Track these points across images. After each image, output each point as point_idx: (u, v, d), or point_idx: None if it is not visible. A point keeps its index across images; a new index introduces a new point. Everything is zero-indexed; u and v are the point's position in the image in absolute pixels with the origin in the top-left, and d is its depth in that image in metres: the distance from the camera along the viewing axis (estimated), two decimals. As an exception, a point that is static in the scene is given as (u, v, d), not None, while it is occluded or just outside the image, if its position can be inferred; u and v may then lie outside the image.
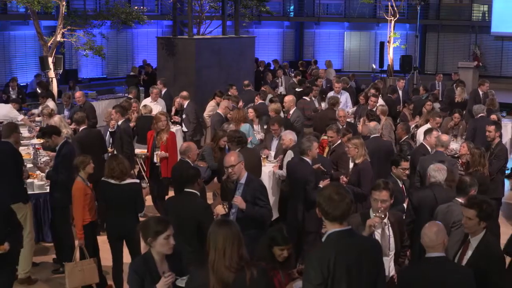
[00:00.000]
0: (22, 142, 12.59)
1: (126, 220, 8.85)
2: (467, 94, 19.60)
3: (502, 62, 34.34)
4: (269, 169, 11.83)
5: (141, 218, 9.43)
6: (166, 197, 11.67)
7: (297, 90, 19.94)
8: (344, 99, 17.25)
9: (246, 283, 5.17)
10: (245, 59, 22.04)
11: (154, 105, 15.92)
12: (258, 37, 27.26)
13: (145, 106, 15.15)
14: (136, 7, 24.23)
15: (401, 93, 19.66)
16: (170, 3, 22.82)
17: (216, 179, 11.42)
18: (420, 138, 12.91)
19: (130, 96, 17.76)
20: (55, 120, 12.62)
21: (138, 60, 30.73)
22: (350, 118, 15.53)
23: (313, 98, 17.26)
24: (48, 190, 10.69)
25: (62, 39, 20.85)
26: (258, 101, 16.62)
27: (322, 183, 9.47)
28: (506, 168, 13.08)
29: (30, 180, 11.05)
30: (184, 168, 9.03)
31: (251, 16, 28.83)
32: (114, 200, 8.88)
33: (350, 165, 10.74)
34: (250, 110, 14.52)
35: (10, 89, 22.36)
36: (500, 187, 11.64)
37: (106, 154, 12.50)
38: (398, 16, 29.24)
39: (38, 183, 11.14)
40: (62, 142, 10.38)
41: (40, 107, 16.00)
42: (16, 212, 9.54)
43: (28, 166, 11.36)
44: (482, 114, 14.40)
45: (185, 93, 16.42)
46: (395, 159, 9.33)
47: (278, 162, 11.61)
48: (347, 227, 5.21)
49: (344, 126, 13.20)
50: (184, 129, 16.07)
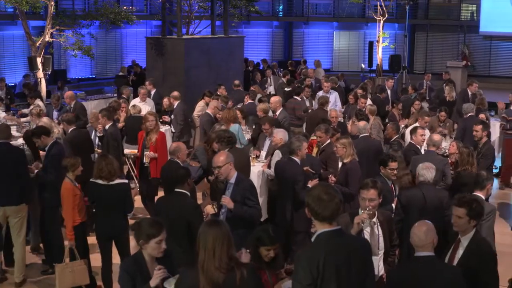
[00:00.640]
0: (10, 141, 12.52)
1: (115, 220, 8.85)
2: (456, 94, 19.67)
3: (491, 62, 34.49)
4: (258, 168, 11.83)
5: (130, 220, 9.43)
6: (156, 197, 11.64)
7: (286, 90, 19.96)
8: (333, 99, 17.27)
9: (236, 283, 5.17)
10: (234, 59, 22.05)
11: (142, 105, 15.88)
12: (247, 37, 27.27)
13: (134, 106, 15.10)
14: (125, 7, 24.20)
15: (389, 92, 19.71)
16: (159, 3, 22.80)
17: (205, 179, 11.41)
18: (408, 138, 12.95)
19: (123, 95, 17.72)
20: (44, 120, 12.57)
21: (127, 60, 30.69)
22: (339, 118, 15.54)
23: (304, 98, 17.26)
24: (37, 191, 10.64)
25: (50, 39, 20.80)
26: (248, 101, 16.62)
27: (310, 183, 9.47)
28: (494, 167, 13.15)
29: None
30: (173, 168, 9.03)
31: (240, 16, 28.85)
32: (102, 200, 8.86)
33: (340, 164, 10.75)
34: (236, 111, 14.54)
35: (-1, 89, 22.27)
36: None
37: (94, 155, 12.47)
38: (387, 15, 29.34)
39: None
40: (51, 143, 10.35)
41: (31, 106, 15.92)
42: (16, 213, 9.59)
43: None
44: (471, 114, 14.45)
45: (176, 93, 16.36)
46: (383, 160, 9.34)
47: (267, 162, 11.62)
48: (337, 227, 5.20)
49: (335, 126, 13.24)
50: (172, 129, 16.05)
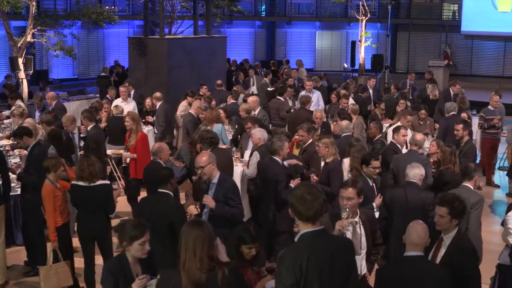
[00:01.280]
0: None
1: (97, 221, 8.84)
2: (438, 93, 19.76)
3: (472, 61, 34.71)
4: (241, 168, 11.85)
5: (113, 221, 9.40)
6: (139, 197, 11.62)
7: (268, 90, 19.97)
8: (315, 98, 17.27)
9: (218, 283, 5.17)
10: (216, 59, 22.03)
11: (124, 105, 15.84)
12: (230, 37, 27.28)
13: (116, 106, 15.06)
14: (107, 7, 24.09)
15: (371, 92, 19.76)
16: (142, 3, 22.72)
17: (188, 180, 11.41)
18: (390, 137, 12.99)
19: (108, 96, 17.65)
20: (29, 121, 12.53)
21: (109, 60, 30.58)
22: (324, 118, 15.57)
23: (287, 98, 17.27)
24: (19, 192, 10.60)
25: (32, 40, 20.68)
26: (231, 100, 16.62)
27: (293, 183, 9.49)
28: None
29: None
30: (156, 168, 9.02)
31: (223, 16, 28.84)
32: (84, 202, 8.84)
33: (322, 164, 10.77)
34: (220, 111, 14.54)
35: (-20, 90, 22.16)
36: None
37: (76, 155, 12.45)
38: (369, 15, 29.45)
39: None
40: (33, 143, 10.32)
41: (12, 107, 15.83)
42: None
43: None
44: (453, 112, 14.50)
45: (158, 94, 16.30)
46: (365, 158, 9.34)
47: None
48: (320, 227, 5.20)
49: (318, 126, 13.29)
50: (155, 130, 16.01)
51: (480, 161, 15.42)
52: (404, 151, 11.38)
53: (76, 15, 22.16)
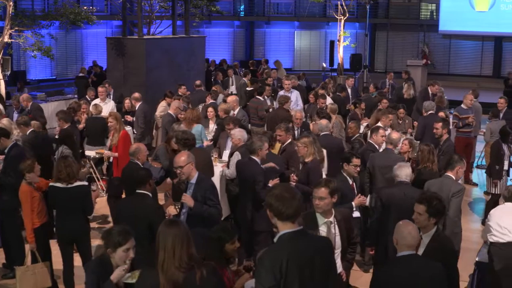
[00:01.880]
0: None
1: (75, 223, 8.80)
2: (417, 92, 19.88)
3: (450, 60, 34.96)
4: (220, 168, 11.85)
5: (93, 224, 9.37)
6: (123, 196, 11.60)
7: (247, 89, 19.96)
8: (294, 98, 17.26)
9: (196, 283, 5.16)
10: (195, 59, 22.02)
11: (103, 105, 15.78)
12: (209, 36, 27.23)
13: (96, 105, 15.02)
14: (85, 7, 23.97)
15: (350, 91, 19.82)
16: (120, 3, 22.63)
17: (168, 180, 11.37)
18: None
19: (87, 97, 17.56)
20: (4, 122, 12.43)
21: (88, 60, 30.45)
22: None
23: (265, 98, 17.27)
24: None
25: (9, 40, 20.52)
26: (209, 100, 16.60)
27: (271, 182, 9.50)
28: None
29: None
30: (134, 169, 8.99)
31: (202, 16, 28.80)
32: (62, 203, 8.80)
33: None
34: (209, 109, 14.55)
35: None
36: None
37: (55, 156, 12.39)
38: (347, 15, 29.54)
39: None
40: (11, 145, 10.26)
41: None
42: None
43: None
44: (431, 112, 14.58)
45: (137, 94, 16.21)
46: (346, 156, 9.36)
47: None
48: (299, 227, 5.19)
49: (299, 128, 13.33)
50: (135, 130, 15.95)
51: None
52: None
53: (54, 16, 22.05)
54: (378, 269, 6.77)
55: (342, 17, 29.30)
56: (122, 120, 14.64)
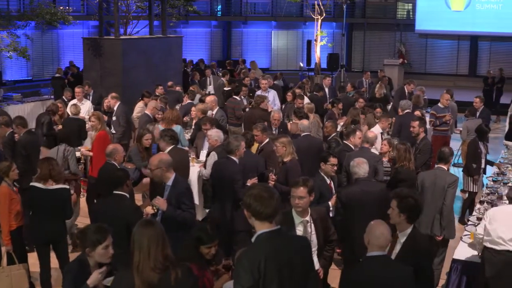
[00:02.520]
0: None
1: (53, 225, 8.76)
2: (394, 91, 20.00)
3: (427, 59, 35.13)
4: (197, 169, 11.85)
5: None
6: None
7: (225, 89, 19.96)
8: (271, 97, 17.27)
9: (171, 283, 5.15)
10: (172, 59, 21.97)
11: (80, 105, 15.69)
12: (186, 36, 27.18)
13: (75, 105, 14.92)
14: (61, 7, 23.80)
15: (327, 90, 19.86)
16: (96, 3, 22.49)
17: (145, 180, 11.34)
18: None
19: (64, 97, 17.44)
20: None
21: (64, 61, 30.23)
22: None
23: (242, 97, 17.27)
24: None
25: (-16, 41, 20.40)
26: (187, 101, 16.57)
27: (249, 182, 9.52)
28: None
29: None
30: (111, 170, 8.96)
31: (178, 16, 28.68)
32: (42, 204, 8.75)
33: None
34: (193, 109, 14.51)
35: None
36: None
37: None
38: (324, 15, 29.57)
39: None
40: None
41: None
42: None
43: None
44: (408, 110, 14.67)
45: (114, 94, 16.06)
46: (323, 156, 9.40)
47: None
48: (277, 227, 5.20)
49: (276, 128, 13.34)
50: (112, 130, 15.83)
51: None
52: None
53: (29, 16, 21.89)
54: (347, 269, 6.78)
55: (319, 16, 29.34)
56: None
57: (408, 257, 6.30)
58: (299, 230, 7.02)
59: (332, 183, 9.41)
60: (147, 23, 22.92)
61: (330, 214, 8.84)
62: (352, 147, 11.38)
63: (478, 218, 9.52)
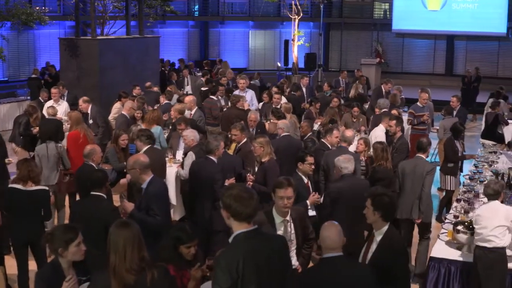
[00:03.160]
0: None
1: (31, 226, 8.69)
2: (371, 90, 20.10)
3: (403, 59, 35.35)
4: (175, 169, 11.83)
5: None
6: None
7: (202, 89, 19.94)
8: (249, 97, 17.26)
9: (147, 285, 5.14)
10: (150, 59, 21.93)
11: (57, 106, 15.58)
12: (163, 37, 27.12)
13: (52, 107, 14.82)
14: (37, 8, 23.69)
15: (305, 90, 19.91)
16: (73, 3, 22.43)
17: (123, 181, 11.30)
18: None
19: (40, 98, 17.30)
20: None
21: (40, 62, 30.10)
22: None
23: (219, 97, 17.25)
24: None
25: (-41, 41, 20.25)
26: (164, 101, 16.53)
27: (227, 182, 9.53)
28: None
29: None
30: (89, 171, 8.92)
31: (155, 16, 28.65)
32: (21, 206, 8.67)
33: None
34: (173, 109, 14.49)
35: None
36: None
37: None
38: (302, 14, 29.68)
39: None
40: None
41: None
42: None
43: None
44: (385, 109, 14.74)
45: (85, 98, 15.74)
46: (301, 156, 9.39)
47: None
48: (254, 227, 5.20)
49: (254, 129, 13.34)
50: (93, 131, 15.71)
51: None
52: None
53: (5, 16, 21.72)
54: (303, 271, 6.78)
55: (297, 16, 29.43)
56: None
57: (384, 255, 6.31)
58: (279, 229, 7.02)
59: (309, 182, 9.43)
60: (124, 23, 22.87)
61: (309, 213, 8.86)
62: (329, 146, 11.40)
63: (455, 216, 9.54)
